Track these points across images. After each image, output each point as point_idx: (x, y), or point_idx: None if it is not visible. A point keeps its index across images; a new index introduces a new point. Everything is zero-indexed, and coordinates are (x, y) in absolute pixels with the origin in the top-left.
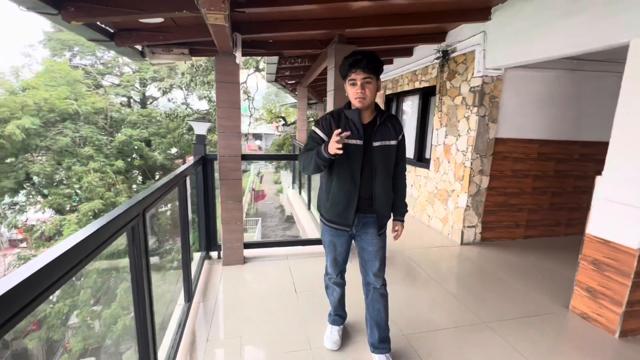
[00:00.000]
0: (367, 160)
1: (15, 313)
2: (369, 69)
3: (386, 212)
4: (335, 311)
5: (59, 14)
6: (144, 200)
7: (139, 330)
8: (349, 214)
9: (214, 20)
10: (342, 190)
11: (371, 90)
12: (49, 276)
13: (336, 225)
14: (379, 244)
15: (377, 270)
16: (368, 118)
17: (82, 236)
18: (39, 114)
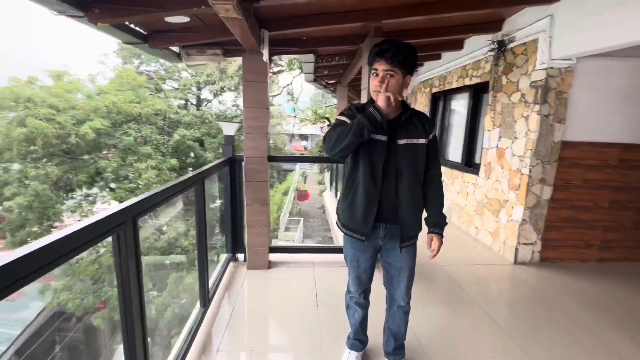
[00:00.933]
0: (392, 159)
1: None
2: (395, 61)
3: (413, 222)
4: (355, 335)
5: (85, 16)
6: (134, 206)
7: (125, 335)
8: (366, 221)
9: (225, 12)
10: (362, 191)
11: (393, 85)
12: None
13: (351, 232)
14: (406, 260)
15: (404, 288)
16: (393, 114)
17: (61, 235)
18: (109, 116)
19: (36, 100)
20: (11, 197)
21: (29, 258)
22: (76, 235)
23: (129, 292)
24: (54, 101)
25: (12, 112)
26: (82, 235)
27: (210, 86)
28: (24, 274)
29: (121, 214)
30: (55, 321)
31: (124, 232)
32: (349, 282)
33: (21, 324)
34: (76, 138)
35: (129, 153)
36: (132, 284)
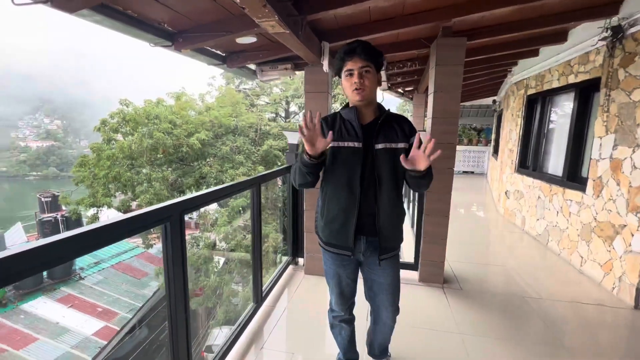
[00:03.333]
0: (369, 167)
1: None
2: (367, 56)
3: (393, 233)
4: (346, 354)
5: (172, 45)
6: (182, 202)
7: (170, 321)
8: (347, 234)
9: (272, 29)
10: (339, 203)
11: (371, 81)
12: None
13: (333, 248)
14: (389, 275)
15: (390, 306)
16: (369, 117)
17: (118, 219)
18: (212, 129)
19: (161, 117)
20: (140, 194)
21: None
22: (136, 218)
23: (172, 276)
24: (173, 118)
25: (145, 127)
26: (140, 219)
27: (297, 99)
28: (101, 242)
29: (171, 208)
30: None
31: (171, 224)
32: (331, 301)
33: (143, 299)
34: (187, 148)
35: (226, 161)
36: (177, 268)
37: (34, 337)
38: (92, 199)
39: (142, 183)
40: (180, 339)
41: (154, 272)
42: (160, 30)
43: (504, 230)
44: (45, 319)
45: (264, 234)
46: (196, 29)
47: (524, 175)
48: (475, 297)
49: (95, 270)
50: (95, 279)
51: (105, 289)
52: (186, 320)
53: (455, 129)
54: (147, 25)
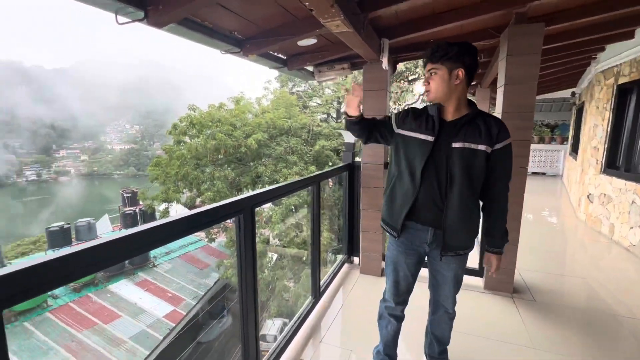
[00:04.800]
0: (440, 162)
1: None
2: (436, 58)
3: (460, 233)
4: (386, 349)
5: (240, 51)
6: (253, 197)
7: (242, 309)
8: (398, 216)
9: (337, 28)
10: (401, 187)
11: (437, 82)
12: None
13: (386, 226)
14: (452, 270)
15: (450, 295)
16: (453, 115)
17: (194, 212)
18: (267, 130)
19: (222, 120)
20: (204, 191)
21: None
22: (211, 211)
23: (244, 265)
24: (233, 120)
25: (209, 130)
26: (214, 213)
27: None
28: (173, 233)
29: (243, 202)
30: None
31: (244, 216)
32: (385, 290)
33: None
34: (245, 148)
35: (280, 161)
36: (248, 258)
37: (118, 314)
38: (164, 195)
39: (206, 181)
40: (250, 321)
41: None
42: (230, 38)
43: (586, 238)
44: (126, 299)
45: None
46: (262, 34)
47: (613, 177)
48: (551, 310)
49: (166, 259)
50: (166, 267)
51: (173, 276)
52: (255, 302)
53: (530, 124)
54: (220, 34)
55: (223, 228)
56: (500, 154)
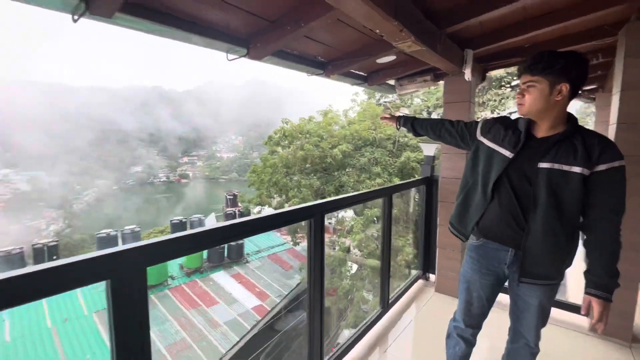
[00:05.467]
0: (518, 181)
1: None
2: (537, 69)
3: (543, 259)
4: None
5: (323, 73)
6: (323, 204)
7: (310, 313)
8: (466, 223)
9: (408, 48)
10: (472, 195)
11: (534, 96)
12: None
13: (453, 229)
14: (538, 297)
15: (533, 327)
16: (545, 132)
17: (268, 213)
18: (352, 142)
19: (311, 132)
20: (292, 197)
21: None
22: (287, 213)
23: (313, 264)
24: (320, 132)
25: (298, 141)
26: (288, 215)
27: (439, 109)
28: (270, 225)
29: (314, 208)
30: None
31: (314, 220)
32: (456, 310)
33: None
34: (330, 159)
35: (364, 172)
36: (316, 258)
37: (217, 300)
38: (258, 199)
39: (294, 188)
40: (315, 322)
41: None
42: (314, 62)
43: None
44: (224, 288)
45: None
46: (342, 56)
47: None
48: None
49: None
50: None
51: (262, 273)
52: (321, 302)
53: None
54: (306, 60)
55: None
56: (602, 178)
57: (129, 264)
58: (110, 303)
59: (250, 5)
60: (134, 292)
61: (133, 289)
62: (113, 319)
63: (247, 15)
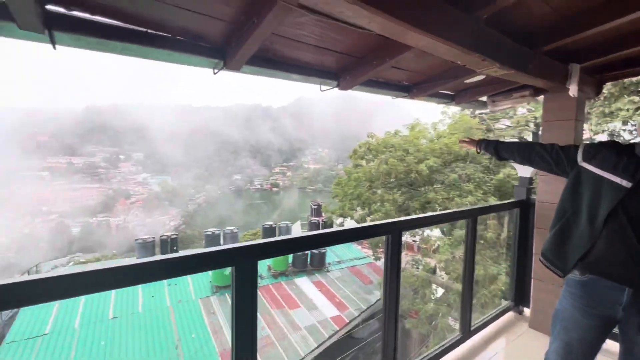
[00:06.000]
0: (638, 212)
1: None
2: None
3: None
4: None
5: (408, 95)
6: (401, 222)
7: (384, 329)
8: (569, 258)
9: (495, 73)
10: (575, 224)
11: None
12: (321, 239)
13: (546, 260)
14: None
15: None
16: None
17: (351, 227)
18: (441, 156)
19: (396, 146)
20: (374, 212)
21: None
22: (363, 229)
23: (388, 282)
24: (406, 146)
25: (383, 155)
26: (367, 230)
27: None
28: (348, 238)
29: (392, 225)
30: None
31: (392, 237)
32: (549, 350)
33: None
34: (416, 174)
35: (453, 188)
36: (392, 274)
37: (298, 304)
38: (341, 211)
39: (376, 202)
40: (389, 339)
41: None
42: (399, 86)
43: None
44: (305, 294)
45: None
46: (427, 79)
47: None
48: None
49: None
50: (337, 274)
51: (342, 284)
52: (395, 318)
53: None
54: (391, 85)
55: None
56: None
57: (247, 256)
58: (234, 283)
59: (341, 48)
60: (248, 276)
61: (248, 274)
62: (235, 294)
63: (338, 55)
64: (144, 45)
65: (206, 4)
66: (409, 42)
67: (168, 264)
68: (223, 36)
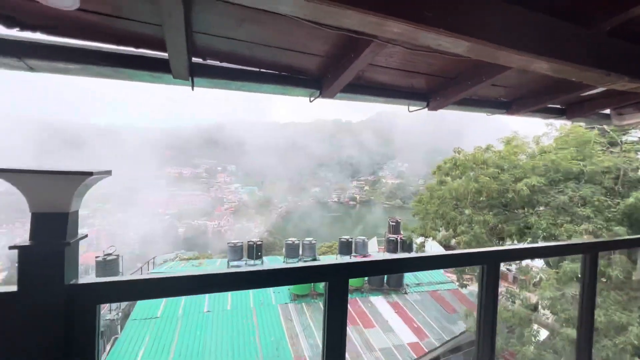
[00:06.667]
0: None
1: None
2: None
3: None
4: None
5: (507, 112)
6: (498, 252)
7: (477, 352)
8: None
9: (622, 87)
10: None
11: None
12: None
13: None
14: None
15: None
16: None
17: (443, 253)
18: (546, 174)
19: (488, 162)
20: (460, 233)
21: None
22: (455, 256)
23: (482, 318)
24: (500, 162)
25: (472, 172)
26: (459, 258)
27: None
28: (435, 265)
29: (489, 254)
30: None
31: (487, 268)
32: None
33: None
34: (512, 193)
35: (562, 213)
36: (487, 308)
37: (373, 324)
38: (422, 230)
39: (464, 223)
40: None
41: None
42: (496, 103)
43: None
44: (381, 314)
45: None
46: (529, 94)
47: None
48: None
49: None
50: (415, 298)
51: (420, 309)
52: (490, 357)
53: None
54: (488, 102)
55: (477, 276)
56: None
57: (339, 274)
58: (326, 297)
59: (432, 70)
60: (340, 292)
61: (339, 290)
62: (327, 307)
63: (428, 77)
64: (256, 82)
65: (310, 45)
66: (513, 64)
67: (271, 274)
68: (320, 69)
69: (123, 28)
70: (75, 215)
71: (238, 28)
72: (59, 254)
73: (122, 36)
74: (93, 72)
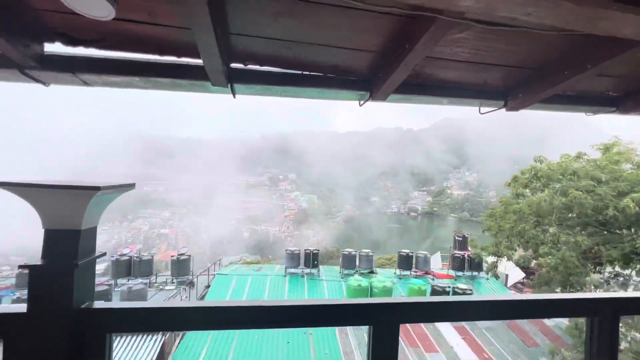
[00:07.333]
0: None
1: None
2: None
3: None
4: None
5: (617, 109)
6: (617, 300)
7: None
8: None
9: None
10: None
11: None
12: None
13: None
14: None
15: None
16: None
17: (533, 298)
18: None
19: (580, 173)
20: (543, 255)
21: None
22: (557, 302)
23: None
24: (596, 173)
25: (558, 184)
26: (559, 303)
27: None
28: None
29: (601, 302)
30: None
31: (599, 320)
32: None
33: None
34: (614, 211)
35: None
36: None
37: (436, 348)
38: (494, 248)
39: (547, 243)
40: None
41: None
42: (601, 99)
43: None
44: (445, 339)
45: None
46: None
47: None
48: None
49: None
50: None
51: (492, 337)
52: None
53: None
54: (588, 99)
55: (585, 329)
56: None
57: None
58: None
59: (511, 60)
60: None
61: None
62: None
63: (507, 69)
64: (299, 86)
65: (356, 38)
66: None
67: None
68: (369, 68)
69: (163, 37)
70: (90, 233)
71: (274, 24)
72: (67, 275)
73: (164, 46)
74: (137, 84)
